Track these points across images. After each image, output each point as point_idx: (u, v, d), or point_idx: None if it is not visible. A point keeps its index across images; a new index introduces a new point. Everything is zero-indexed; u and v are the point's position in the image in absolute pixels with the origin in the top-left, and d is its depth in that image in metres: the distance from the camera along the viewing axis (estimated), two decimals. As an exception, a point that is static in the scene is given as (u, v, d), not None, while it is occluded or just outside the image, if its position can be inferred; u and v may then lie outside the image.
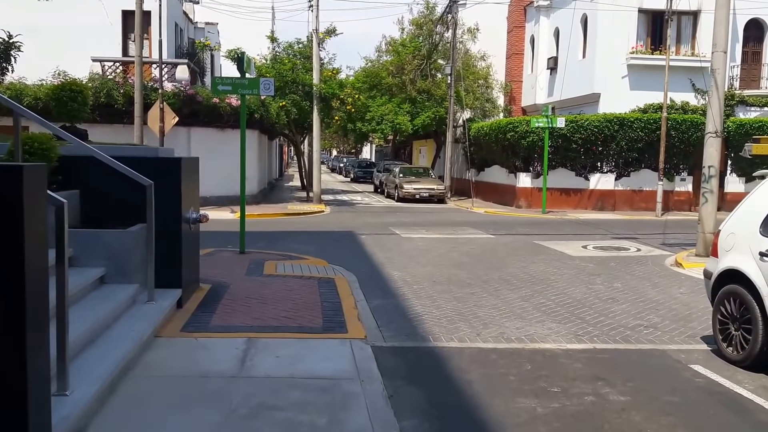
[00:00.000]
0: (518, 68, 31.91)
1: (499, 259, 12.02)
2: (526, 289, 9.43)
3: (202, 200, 20.78)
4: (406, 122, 29.30)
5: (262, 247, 12.82)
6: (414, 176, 27.62)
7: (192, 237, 7.82)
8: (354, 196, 30.21)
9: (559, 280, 10.12)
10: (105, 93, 19.20)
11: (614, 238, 15.67)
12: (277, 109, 22.84)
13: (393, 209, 23.50)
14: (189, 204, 7.59)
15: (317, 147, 23.73)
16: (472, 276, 10.33)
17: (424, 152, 38.48)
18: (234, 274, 9.50)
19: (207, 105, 20.33)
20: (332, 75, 24.66)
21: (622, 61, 25.49)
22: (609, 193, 23.30)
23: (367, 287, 9.21)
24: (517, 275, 10.48)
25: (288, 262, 10.69)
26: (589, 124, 22.64)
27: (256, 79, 11.12)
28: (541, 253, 13.03)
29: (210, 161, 20.40)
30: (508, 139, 23.65)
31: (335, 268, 10.52)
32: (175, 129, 19.75)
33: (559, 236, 15.80)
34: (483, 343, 6.67)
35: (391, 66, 31.14)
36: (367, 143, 59.47)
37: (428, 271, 10.65)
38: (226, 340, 6.24)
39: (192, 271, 8.00)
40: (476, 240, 14.75)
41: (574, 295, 9.05)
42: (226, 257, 11.06)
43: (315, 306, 7.66)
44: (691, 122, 22.91)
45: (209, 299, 7.81)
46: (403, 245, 13.66)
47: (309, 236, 15.05)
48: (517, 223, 18.76)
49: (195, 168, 8.15)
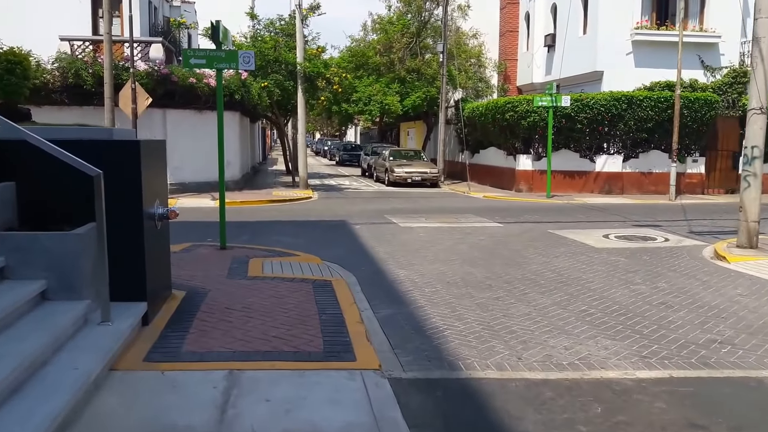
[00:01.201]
0: (513, 46, 30.43)
1: (516, 253, 10.62)
2: (558, 291, 8.03)
3: (180, 187, 19.27)
4: (396, 103, 27.69)
5: (245, 240, 11.31)
6: (405, 159, 26.12)
7: (159, 236, 6.32)
8: (341, 181, 28.65)
9: (593, 280, 8.73)
10: (73, 73, 17.49)
11: (634, 225, 14.33)
12: (258, 89, 21.17)
13: (385, 194, 22.02)
14: (153, 196, 6.07)
15: (302, 129, 22.14)
16: (491, 274, 8.92)
17: (413, 134, 36.95)
18: (213, 276, 8.01)
19: (183, 85, 18.66)
20: (317, 53, 23.02)
21: (627, 38, 24.14)
22: (616, 176, 21.97)
23: (370, 291, 7.77)
24: (542, 273, 9.08)
25: (276, 260, 9.21)
26: (596, 103, 21.24)
27: (234, 51, 9.52)
28: (559, 244, 11.64)
29: (188, 145, 18.91)
30: (506, 120, 22.20)
31: (331, 266, 9.07)
32: (150, 111, 18.09)
33: (572, 224, 14.45)
34: (529, 372, 5.25)
35: (379, 44, 29.48)
36: (352, 126, 57.74)
37: (438, 269, 9.22)
38: (201, 373, 4.79)
39: (161, 277, 6.51)
40: (483, 229, 13.34)
41: (618, 300, 7.67)
42: (205, 254, 9.54)
43: (312, 319, 6.20)
44: (704, 101, 21.59)
45: (183, 312, 6.33)
46: (403, 236, 12.22)
47: (297, 227, 13.55)
48: (522, 209, 17.37)
49: (160, 152, 6.62)
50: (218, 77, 9.53)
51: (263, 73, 21.91)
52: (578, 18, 25.47)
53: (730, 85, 23.89)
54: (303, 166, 22.29)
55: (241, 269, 8.44)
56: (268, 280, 7.86)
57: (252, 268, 8.49)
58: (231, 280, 7.81)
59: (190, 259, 9.12)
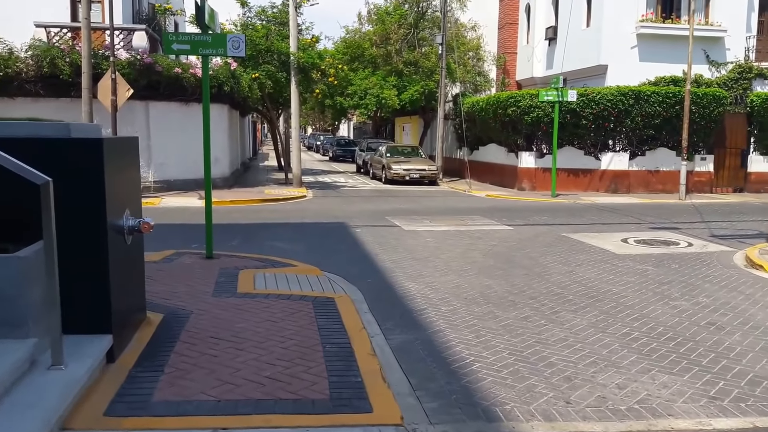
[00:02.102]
0: (512, 39, 29.39)
1: (534, 262, 9.63)
2: (591, 309, 7.05)
3: (164, 185, 18.12)
4: (393, 97, 26.58)
5: (235, 247, 10.27)
6: (403, 156, 25.05)
7: (130, 252, 5.27)
8: (336, 178, 27.55)
9: (626, 294, 7.76)
10: (48, 62, 16.23)
11: (651, 228, 13.37)
12: (249, 81, 20.01)
13: (383, 193, 20.97)
14: (121, 205, 5.02)
15: (296, 124, 21.03)
16: (511, 288, 7.93)
17: (408, 130, 35.88)
18: (197, 292, 6.96)
19: (168, 75, 17.51)
20: (311, 43, 21.91)
21: (631, 30, 23.15)
22: (623, 174, 21.03)
23: (379, 310, 6.76)
24: (567, 286, 8.10)
25: (270, 272, 8.17)
26: (602, 98, 20.28)
27: (222, 35, 8.44)
28: (578, 250, 10.67)
29: (173, 140, 17.78)
30: (509, 115, 21.20)
31: (332, 278, 8.05)
32: (131, 103, 16.95)
33: (585, 226, 13.48)
34: (584, 423, 4.26)
35: (375, 36, 28.35)
36: (345, 120, 56.60)
37: (452, 282, 8.22)
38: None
39: (132, 300, 5.46)
40: (493, 233, 12.34)
41: (660, 319, 6.70)
42: (189, 265, 8.48)
43: (314, 352, 5.18)
44: (712, 96, 20.68)
45: (158, 342, 5.29)
46: (409, 241, 11.20)
47: (292, 230, 12.50)
48: (529, 210, 16.39)
49: (132, 152, 5.55)
50: (204, 65, 8.46)
51: (254, 63, 20.77)
52: (581, 10, 24.48)
53: (736, 80, 23.05)
54: (297, 162, 21.20)
55: (230, 284, 7.39)
56: (261, 297, 6.82)
57: (242, 283, 7.45)
58: (218, 298, 6.77)
59: (171, 270, 8.06)
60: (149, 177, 17.84)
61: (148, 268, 8.05)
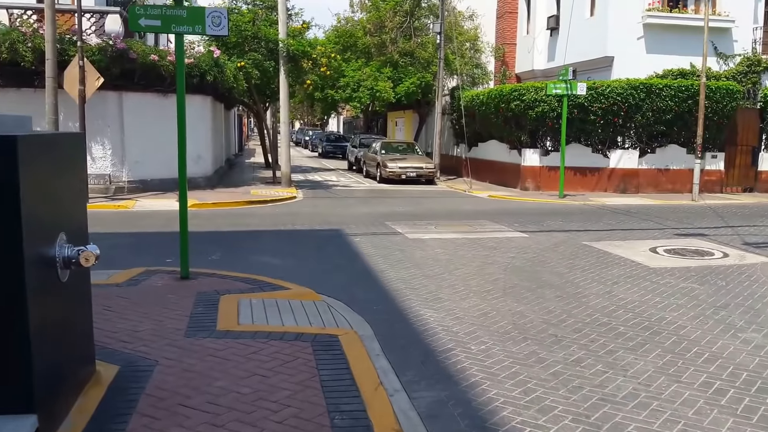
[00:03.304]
0: (511, 29, 28.03)
1: (563, 279, 8.31)
2: (650, 346, 5.77)
3: (140, 185, 16.52)
4: (388, 89, 25.12)
5: (216, 261, 8.88)
6: (398, 153, 23.63)
7: (67, 291, 3.88)
8: (327, 176, 26.07)
9: (682, 322, 6.49)
10: (8, 47, 14.62)
11: (676, 235, 12.11)
12: (234, 70, 18.50)
13: (378, 193, 19.58)
14: (52, 228, 3.63)
15: (285, 117, 19.57)
16: (548, 316, 6.62)
17: (401, 125, 34.49)
18: (166, 331, 5.57)
19: (143, 63, 15.97)
20: (301, 30, 20.47)
21: (638, 20, 21.87)
22: (632, 173, 19.79)
23: (395, 352, 5.42)
24: (612, 312, 6.80)
25: (257, 297, 6.79)
26: (611, 92, 19.02)
27: (200, 8, 7.01)
28: (606, 263, 9.38)
29: (150, 135, 16.19)
30: (512, 109, 19.88)
31: (332, 305, 6.70)
32: (103, 94, 15.45)
33: (605, 233, 12.21)
34: None
35: (369, 24, 26.85)
36: (335, 115, 55.06)
37: (476, 307, 6.89)
38: None
39: (72, 355, 4.08)
40: (507, 242, 11.01)
41: (735, 359, 5.47)
42: (159, 289, 7.07)
43: (319, 428, 3.83)
44: (726, 90, 19.48)
45: (107, 415, 3.92)
46: (415, 253, 9.84)
47: (283, 239, 11.08)
48: (538, 213, 15.10)
49: (71, 155, 4.12)
50: (178, 45, 7.03)
51: (240, 51, 19.29)
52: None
53: (745, 74, 21.87)
54: (286, 160, 19.74)
55: (208, 316, 6.01)
56: (247, 337, 5.45)
57: (224, 315, 6.07)
58: (192, 339, 5.38)
59: (137, 297, 6.66)
60: (123, 176, 16.37)
61: (108, 293, 6.67)
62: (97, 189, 15.99)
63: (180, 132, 7.31)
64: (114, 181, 16.37)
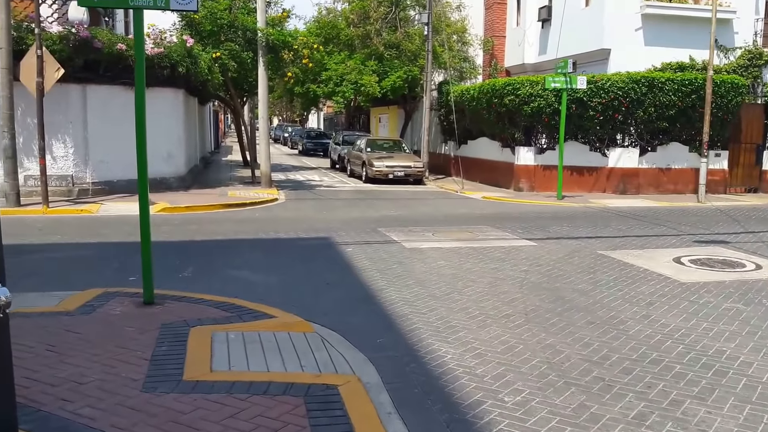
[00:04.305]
0: (501, 21, 26.97)
1: (590, 299, 7.22)
2: (720, 392, 4.71)
3: (105, 186, 14.97)
4: (373, 84, 23.86)
5: (187, 280, 7.66)
6: (385, 151, 22.40)
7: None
8: (310, 175, 24.75)
9: (746, 358, 5.45)
10: (-43, 35, 13.24)
11: (696, 242, 11.10)
12: (209, 61, 17.15)
13: (366, 194, 18.38)
14: None
15: (264, 113, 18.25)
16: (587, 351, 5.52)
17: (385, 121, 33.27)
18: (118, 383, 4.37)
19: (110, 53, 14.63)
20: (282, 18, 19.18)
21: (636, 10, 20.93)
22: (632, 172, 18.81)
23: (410, 409, 4.29)
24: (659, 344, 5.72)
25: (235, 328, 5.61)
26: (612, 86, 18.02)
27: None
28: (631, 277, 8.32)
29: (116, 132, 14.56)
30: (505, 105, 18.80)
31: (327, 338, 5.55)
32: (65, 87, 14.10)
33: (618, 240, 11.17)
34: None
35: (352, 14, 25.56)
36: (315, 111, 53.64)
37: (498, 339, 5.77)
38: None
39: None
40: (515, 252, 9.89)
41: None
42: (116, 319, 5.85)
43: None
44: (731, 84, 18.56)
45: None
46: (416, 266, 8.69)
47: (264, 250, 9.84)
48: (540, 216, 14.03)
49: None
50: (136, 22, 5.85)
51: (215, 40, 17.95)
52: (579, -12, 22.21)
53: (746, 68, 21.03)
54: (266, 159, 18.44)
55: (174, 360, 4.81)
56: (222, 391, 4.26)
57: (193, 357, 4.87)
58: (150, 395, 4.18)
59: (89, 331, 5.44)
60: (86, 177, 15.00)
61: (55, 326, 5.45)
62: (59, 191, 14.63)
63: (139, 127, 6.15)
64: (77, 182, 15.00)
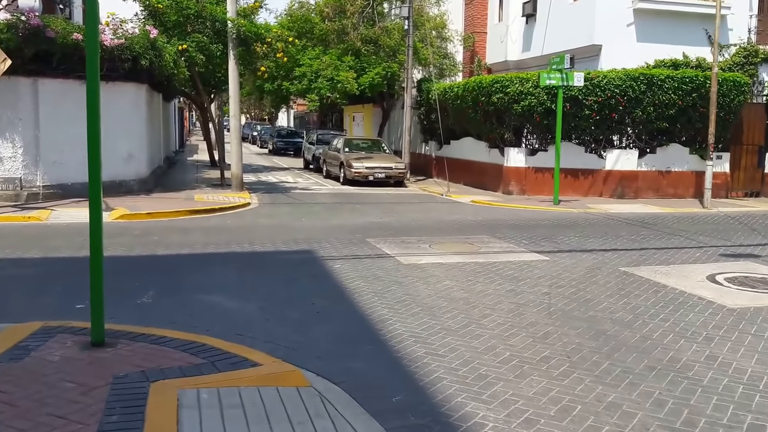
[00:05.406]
0: (482, 16, 25.83)
1: (633, 331, 6.03)
2: None
3: (58, 190, 12.79)
4: (351, 80, 22.52)
5: (147, 307, 6.26)
6: (363, 151, 21.07)
7: None
8: (283, 176, 23.27)
9: None
10: None
11: (722, 255, 10.02)
12: (174, 54, 15.63)
13: (345, 198, 17.03)
14: None
15: (236, 110, 16.78)
16: (660, 409, 4.33)
17: (360, 120, 31.96)
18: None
19: (64, 43, 13.07)
20: (253, 9, 17.75)
21: (628, 5, 19.98)
22: (630, 175, 17.76)
23: None
24: (744, 399, 4.56)
25: (207, 385, 4.27)
26: (608, 83, 16.98)
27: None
28: (670, 301, 7.16)
29: (71, 130, 12.75)
30: (494, 103, 17.65)
31: (327, 397, 4.28)
32: (13, 80, 12.60)
33: (636, 253, 10.03)
34: None
35: (327, 8, 24.19)
36: (285, 108, 51.99)
37: (545, 394, 4.53)
38: None
39: None
40: (528, 268, 8.67)
41: None
42: (53, 369, 4.45)
43: None
44: (733, 83, 17.66)
45: None
46: (419, 288, 7.40)
47: (239, 266, 8.45)
48: (539, 224, 12.88)
49: None
50: None
51: (181, 32, 16.42)
52: (566, -19, 21.19)
53: (742, 65, 20.20)
54: (237, 159, 16.94)
55: (123, 447, 3.46)
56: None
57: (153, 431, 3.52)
58: None
59: (15, 390, 4.04)
60: (37, 180, 13.42)
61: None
62: (5, 196, 13.06)
63: (91, 122, 4.80)
64: (26, 186, 13.42)
